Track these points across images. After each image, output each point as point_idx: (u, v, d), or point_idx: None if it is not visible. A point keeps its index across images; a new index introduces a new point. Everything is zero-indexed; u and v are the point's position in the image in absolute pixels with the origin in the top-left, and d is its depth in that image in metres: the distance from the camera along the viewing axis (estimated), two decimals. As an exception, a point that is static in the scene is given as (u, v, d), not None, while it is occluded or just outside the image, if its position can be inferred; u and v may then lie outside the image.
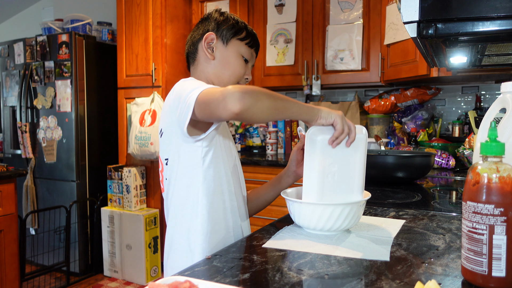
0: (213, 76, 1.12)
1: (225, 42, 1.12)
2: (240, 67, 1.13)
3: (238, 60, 1.13)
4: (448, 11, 0.79)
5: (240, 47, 1.14)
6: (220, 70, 1.12)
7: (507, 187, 0.63)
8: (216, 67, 1.12)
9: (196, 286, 0.59)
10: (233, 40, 1.12)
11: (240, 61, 1.14)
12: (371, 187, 1.59)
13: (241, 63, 1.14)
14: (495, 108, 1.07)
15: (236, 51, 1.13)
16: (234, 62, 1.12)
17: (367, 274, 0.72)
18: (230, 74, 1.12)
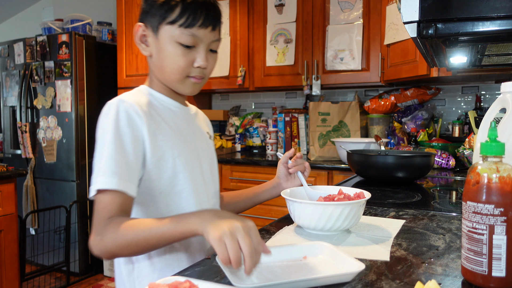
0: (158, 74, 0.97)
1: (155, 31, 0.92)
2: (177, 58, 0.91)
3: (172, 49, 0.91)
4: (448, 11, 0.79)
5: (172, 32, 0.90)
6: (159, 68, 0.95)
7: (507, 187, 0.63)
8: (155, 65, 0.96)
9: (196, 286, 0.59)
10: (162, 27, 0.91)
11: (176, 50, 0.91)
12: (371, 187, 1.59)
13: (178, 52, 0.91)
14: (495, 108, 1.07)
15: (168, 40, 0.91)
16: (169, 54, 0.91)
17: (367, 274, 0.72)
18: (169, 70, 0.93)
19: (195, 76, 0.95)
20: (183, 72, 0.93)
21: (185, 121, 1.02)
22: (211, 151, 1.10)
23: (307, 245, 0.81)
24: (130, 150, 0.85)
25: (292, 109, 3.16)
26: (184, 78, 0.95)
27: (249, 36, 3.11)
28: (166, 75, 0.95)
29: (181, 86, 0.96)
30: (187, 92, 0.98)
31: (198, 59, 0.93)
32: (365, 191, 1.00)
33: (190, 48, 0.92)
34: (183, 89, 0.97)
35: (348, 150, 1.82)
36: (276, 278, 0.69)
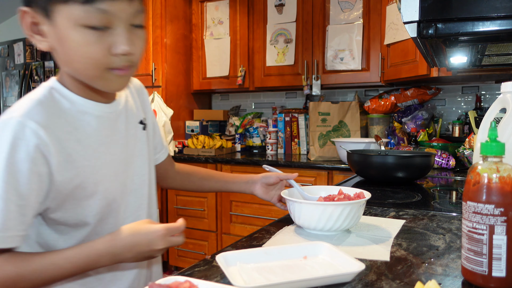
0: (68, 69, 0.75)
1: (48, 16, 0.68)
2: (87, 47, 0.68)
3: (78, 36, 0.68)
4: (448, 11, 0.79)
5: (72, 12, 0.66)
6: (67, 63, 0.73)
7: (507, 187, 0.63)
8: (61, 60, 0.73)
9: (196, 286, 0.59)
10: (56, 8, 0.67)
11: (84, 36, 0.68)
12: (371, 187, 1.59)
13: (87, 39, 0.68)
14: (495, 108, 1.07)
15: (69, 24, 0.67)
16: (74, 43, 0.68)
17: (367, 274, 0.72)
18: (79, 65, 0.71)
19: (119, 67, 0.72)
20: (100, 64, 0.70)
21: (108, 125, 0.81)
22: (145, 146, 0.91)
23: (307, 245, 0.81)
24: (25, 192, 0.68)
25: (292, 109, 3.17)
26: (104, 72, 0.71)
27: (249, 36, 3.11)
28: (79, 71, 0.72)
29: (103, 84, 0.74)
30: (113, 89, 0.77)
31: (118, 44, 0.69)
32: (365, 191, 1.00)
33: (103, 30, 0.68)
34: (106, 87, 0.75)
35: (348, 150, 1.82)
36: (276, 278, 0.69)
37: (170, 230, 0.74)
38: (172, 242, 0.74)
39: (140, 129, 0.90)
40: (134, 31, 0.72)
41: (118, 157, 0.83)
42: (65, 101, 0.76)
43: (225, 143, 3.15)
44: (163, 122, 2.95)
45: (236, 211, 2.80)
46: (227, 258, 0.74)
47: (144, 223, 0.75)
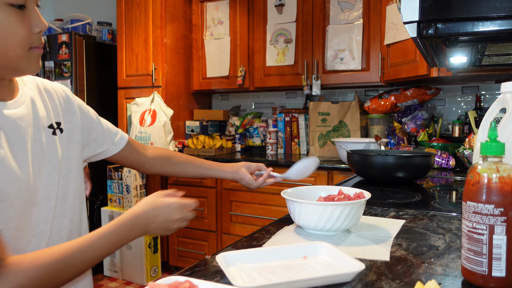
0: None
1: None
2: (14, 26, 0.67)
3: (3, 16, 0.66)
4: (448, 11, 0.79)
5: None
6: None
7: (507, 187, 0.63)
8: None
9: (196, 286, 0.59)
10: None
11: (8, 15, 0.67)
12: (371, 187, 1.59)
13: (12, 19, 0.67)
14: (495, 108, 1.07)
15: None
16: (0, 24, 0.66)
17: (367, 274, 0.72)
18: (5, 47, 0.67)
19: (38, 46, 0.71)
20: (25, 43, 0.69)
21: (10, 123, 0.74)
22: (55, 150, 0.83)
23: (307, 245, 0.81)
24: None
25: (292, 109, 3.17)
26: (28, 52, 0.70)
27: (249, 36, 3.11)
28: (2, 56, 0.68)
29: (27, 64, 0.71)
30: (35, 69, 0.74)
31: (36, 22, 0.69)
32: (365, 191, 1.00)
33: (22, 9, 0.68)
34: (29, 67, 0.72)
35: (348, 150, 1.82)
36: (276, 278, 0.69)
37: (184, 204, 0.82)
38: (186, 215, 0.82)
39: (49, 133, 0.82)
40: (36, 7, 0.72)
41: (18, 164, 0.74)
42: None
43: (225, 143, 3.15)
44: (163, 122, 2.95)
45: (236, 211, 2.80)
46: (227, 258, 0.74)
47: (160, 197, 0.81)
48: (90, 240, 0.72)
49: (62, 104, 0.89)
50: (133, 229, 0.77)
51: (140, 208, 0.79)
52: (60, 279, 0.68)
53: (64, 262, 0.67)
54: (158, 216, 0.79)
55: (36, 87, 0.84)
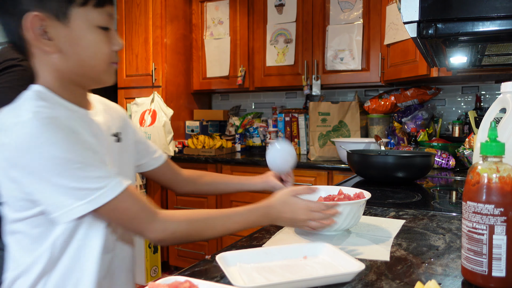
0: (72, 73, 0.80)
1: (63, 19, 0.74)
2: (101, 45, 0.79)
3: (94, 36, 0.77)
4: (448, 11, 0.79)
5: (88, 15, 0.75)
6: (78, 63, 0.78)
7: (507, 187, 0.63)
8: (70, 61, 0.78)
9: (196, 286, 0.59)
10: (74, 11, 0.74)
11: (98, 35, 0.78)
12: (371, 187, 1.59)
13: (100, 38, 0.78)
14: (495, 108, 1.07)
15: (86, 25, 0.76)
16: (91, 43, 0.77)
17: (367, 274, 0.72)
18: (94, 62, 0.79)
19: (116, 61, 0.84)
20: (108, 59, 0.81)
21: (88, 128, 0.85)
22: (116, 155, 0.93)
23: (307, 245, 0.81)
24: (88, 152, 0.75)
25: (292, 109, 3.16)
26: (109, 66, 0.83)
27: (249, 36, 3.11)
28: (89, 69, 0.80)
29: (108, 76, 0.84)
30: (112, 81, 0.86)
31: (115, 42, 0.82)
32: (365, 191, 1.00)
33: (107, 30, 0.80)
34: (109, 79, 0.85)
35: (348, 150, 1.82)
36: (276, 278, 0.69)
37: (311, 207, 0.87)
38: (313, 216, 0.87)
39: (113, 140, 0.93)
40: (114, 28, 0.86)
41: None
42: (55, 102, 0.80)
43: (225, 143, 3.15)
44: (163, 122, 2.95)
45: (236, 211, 2.80)
46: (227, 258, 0.74)
47: (292, 194, 0.90)
48: (230, 212, 0.88)
49: (120, 117, 1.01)
50: (264, 217, 0.89)
51: (273, 201, 0.90)
52: (201, 235, 0.85)
53: (208, 222, 0.85)
54: (286, 213, 0.88)
55: (99, 101, 0.96)
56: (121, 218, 0.78)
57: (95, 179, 0.73)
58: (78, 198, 0.72)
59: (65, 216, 0.73)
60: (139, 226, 0.79)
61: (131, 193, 0.78)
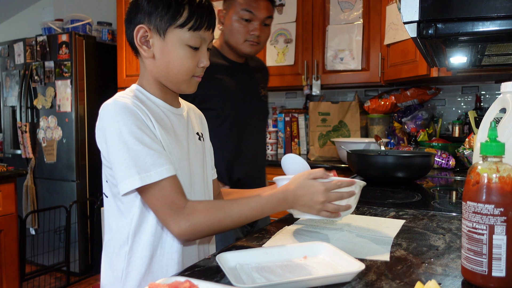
0: (159, 76, 0.96)
1: (161, 34, 0.92)
2: (186, 60, 0.93)
3: (182, 52, 0.92)
4: (448, 11, 0.79)
5: (182, 35, 0.91)
6: (164, 70, 0.94)
7: (507, 187, 0.63)
8: (159, 67, 0.94)
9: (196, 286, 0.59)
10: (171, 30, 0.91)
11: (186, 52, 0.93)
12: (371, 187, 1.59)
13: (187, 55, 0.93)
14: (495, 108, 1.07)
15: (178, 42, 0.92)
16: (178, 57, 0.92)
17: (367, 274, 0.72)
18: (177, 72, 0.94)
19: (199, 76, 0.98)
20: (190, 73, 0.95)
21: (177, 122, 1.00)
22: (201, 152, 1.06)
23: (307, 245, 0.81)
24: (149, 139, 0.86)
25: (292, 109, 3.16)
26: (190, 78, 0.96)
27: (249, 36, 3.11)
28: (172, 76, 0.95)
29: (186, 86, 0.97)
30: (191, 91, 0.99)
31: (202, 60, 0.95)
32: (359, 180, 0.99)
33: (197, 49, 0.94)
34: (187, 89, 0.98)
35: (348, 150, 1.82)
36: (276, 278, 0.69)
37: (328, 187, 0.88)
38: (331, 196, 0.88)
39: (197, 138, 1.06)
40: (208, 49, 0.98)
41: (182, 146, 0.98)
42: (144, 96, 0.96)
43: (225, 143, 3.14)
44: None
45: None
46: (227, 258, 0.74)
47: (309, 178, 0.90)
48: (247, 199, 0.90)
49: (200, 120, 1.14)
50: (282, 202, 0.89)
51: (290, 186, 0.90)
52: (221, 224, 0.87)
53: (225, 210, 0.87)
54: (304, 196, 0.88)
55: (187, 105, 1.11)
56: (155, 205, 0.85)
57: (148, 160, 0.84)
58: (130, 174, 0.83)
59: (120, 188, 0.84)
60: (166, 218, 0.84)
61: (172, 183, 0.85)
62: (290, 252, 0.79)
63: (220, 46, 1.56)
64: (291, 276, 0.70)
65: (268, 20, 1.48)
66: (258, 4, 1.44)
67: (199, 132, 1.08)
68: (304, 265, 0.75)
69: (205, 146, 1.09)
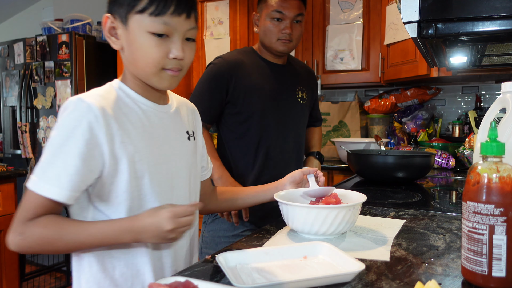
0: (131, 69, 0.89)
1: (124, 22, 0.86)
2: (151, 49, 0.84)
3: (145, 40, 0.83)
4: (448, 11, 0.79)
5: (142, 21, 0.84)
6: (132, 61, 0.88)
7: (507, 187, 0.63)
8: (127, 58, 0.88)
9: (196, 286, 0.59)
10: (131, 16, 0.84)
11: (149, 40, 0.83)
12: (371, 187, 1.59)
13: (151, 43, 0.83)
14: (495, 108, 1.07)
15: (139, 30, 0.84)
16: (141, 46, 0.84)
17: (367, 274, 0.72)
18: (143, 63, 0.85)
19: (172, 69, 0.87)
20: (158, 64, 0.85)
21: (158, 122, 0.91)
22: (188, 153, 0.97)
23: (307, 245, 0.81)
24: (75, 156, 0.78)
25: (292, 109, 3.16)
26: (160, 71, 0.86)
27: (249, 36, 3.11)
28: (140, 69, 0.86)
29: (157, 80, 0.87)
30: (164, 86, 0.89)
31: (173, 50, 0.85)
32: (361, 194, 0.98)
33: (163, 37, 0.84)
34: (159, 84, 0.88)
35: (348, 150, 1.82)
36: (276, 278, 0.69)
37: (175, 213, 0.78)
38: (180, 222, 0.78)
39: (185, 137, 0.98)
40: (186, 43, 0.87)
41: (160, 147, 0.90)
42: (122, 92, 0.89)
43: (225, 143, 3.15)
44: (163, 122, 2.95)
45: (236, 211, 2.80)
46: (227, 258, 0.74)
47: (163, 206, 0.80)
48: (87, 224, 0.81)
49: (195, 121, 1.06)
50: (126, 232, 0.79)
51: (141, 215, 0.81)
52: (53, 246, 0.79)
53: (59, 231, 0.78)
54: (151, 225, 0.78)
55: (179, 100, 1.02)
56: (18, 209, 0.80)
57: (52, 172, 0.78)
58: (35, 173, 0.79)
59: None
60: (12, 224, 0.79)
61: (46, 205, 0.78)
62: (290, 252, 0.79)
63: (258, 48, 1.60)
64: (291, 276, 0.70)
65: (299, 17, 1.51)
66: (288, 3, 1.48)
67: (189, 131, 1.00)
68: (304, 265, 0.75)
69: (196, 146, 1.02)
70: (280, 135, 1.54)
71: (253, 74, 1.52)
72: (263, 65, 1.56)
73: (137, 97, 0.90)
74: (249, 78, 1.50)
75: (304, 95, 1.63)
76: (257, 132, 1.50)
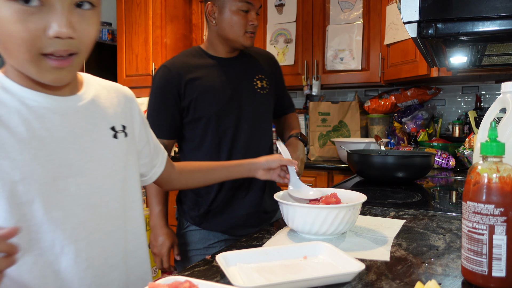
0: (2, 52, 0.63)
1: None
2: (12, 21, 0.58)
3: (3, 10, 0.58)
4: (448, 11, 0.79)
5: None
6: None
7: (507, 187, 0.63)
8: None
9: (196, 286, 0.59)
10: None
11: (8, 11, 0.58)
12: (371, 187, 1.59)
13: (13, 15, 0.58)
14: (495, 108, 1.07)
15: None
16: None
17: (367, 274, 0.72)
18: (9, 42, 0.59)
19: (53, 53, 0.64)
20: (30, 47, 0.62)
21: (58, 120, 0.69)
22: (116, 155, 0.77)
23: (307, 245, 0.81)
24: None
25: (292, 109, 3.16)
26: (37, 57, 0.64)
27: (249, 36, 3.11)
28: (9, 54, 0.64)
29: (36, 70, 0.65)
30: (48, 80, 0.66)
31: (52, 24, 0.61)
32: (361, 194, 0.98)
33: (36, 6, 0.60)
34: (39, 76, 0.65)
35: (348, 150, 1.82)
36: (276, 278, 0.69)
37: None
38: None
39: (109, 135, 0.77)
40: (78, 12, 0.62)
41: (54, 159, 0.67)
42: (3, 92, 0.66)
43: (225, 143, 3.14)
44: (163, 122, 2.95)
45: (236, 211, 2.80)
46: (227, 258, 0.74)
47: None
48: None
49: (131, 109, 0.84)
50: None
51: None
52: None
53: None
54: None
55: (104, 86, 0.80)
56: None
57: None
58: None
59: None
60: None
61: None
62: (290, 252, 0.79)
63: (206, 46, 1.49)
64: (291, 276, 0.70)
65: (260, 9, 1.47)
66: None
67: (116, 126, 0.78)
68: (304, 265, 0.75)
69: (130, 143, 0.81)
70: (242, 134, 1.42)
71: (202, 75, 1.40)
72: (212, 63, 1.44)
73: (20, 91, 0.67)
74: (198, 80, 1.38)
75: (265, 83, 1.51)
76: (215, 136, 1.39)
